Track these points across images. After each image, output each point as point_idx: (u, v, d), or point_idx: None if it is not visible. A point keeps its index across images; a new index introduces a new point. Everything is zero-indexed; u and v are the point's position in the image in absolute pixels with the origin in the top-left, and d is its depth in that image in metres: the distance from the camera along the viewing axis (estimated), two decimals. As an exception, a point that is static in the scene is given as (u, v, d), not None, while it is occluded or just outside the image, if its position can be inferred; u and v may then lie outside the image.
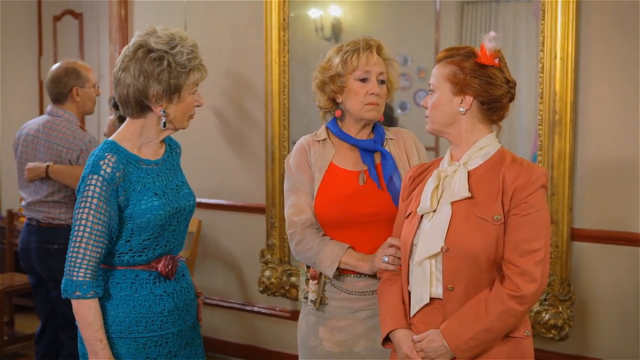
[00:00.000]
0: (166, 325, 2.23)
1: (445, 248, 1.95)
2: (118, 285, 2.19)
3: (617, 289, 3.36)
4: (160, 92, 2.12)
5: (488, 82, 2.00)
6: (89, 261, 2.09)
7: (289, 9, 4.13)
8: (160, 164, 2.25)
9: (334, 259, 2.32)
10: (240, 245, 4.43)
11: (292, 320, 4.11)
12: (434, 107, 2.04)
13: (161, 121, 2.17)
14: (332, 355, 2.42)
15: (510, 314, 1.91)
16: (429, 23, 3.90)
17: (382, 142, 2.44)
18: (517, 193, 1.94)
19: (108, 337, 2.14)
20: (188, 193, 2.32)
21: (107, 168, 2.10)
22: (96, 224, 2.09)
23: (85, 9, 5.47)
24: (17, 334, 4.95)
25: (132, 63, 2.12)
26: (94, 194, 2.09)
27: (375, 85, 2.37)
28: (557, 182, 3.39)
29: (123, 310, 2.17)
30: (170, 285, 2.25)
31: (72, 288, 2.09)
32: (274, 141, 4.20)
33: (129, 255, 2.19)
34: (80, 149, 3.54)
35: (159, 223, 2.17)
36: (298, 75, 4.15)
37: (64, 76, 3.62)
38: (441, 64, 2.05)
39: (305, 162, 2.45)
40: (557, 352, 3.50)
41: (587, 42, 3.35)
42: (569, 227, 3.42)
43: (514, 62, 3.63)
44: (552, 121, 3.38)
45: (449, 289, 1.96)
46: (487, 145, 2.04)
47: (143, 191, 2.16)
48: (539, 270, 1.92)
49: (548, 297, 3.45)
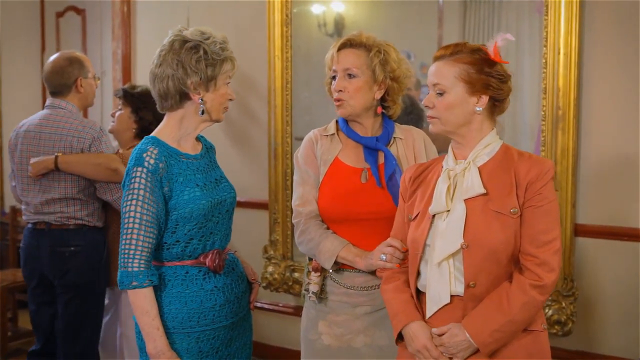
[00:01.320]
0: (218, 319, 2.29)
1: (465, 245, 1.95)
2: (170, 283, 2.25)
3: (620, 284, 3.36)
4: (197, 80, 2.21)
5: (501, 80, 2.01)
6: (142, 251, 2.15)
7: (292, 5, 4.13)
8: (199, 158, 2.33)
9: (333, 252, 2.33)
10: (243, 241, 4.42)
11: (295, 316, 4.11)
12: (448, 109, 2.00)
13: (200, 109, 2.24)
14: (330, 349, 2.43)
15: (533, 304, 1.94)
16: (432, 19, 3.89)
17: (387, 140, 2.43)
18: (531, 185, 1.96)
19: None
20: (228, 186, 2.40)
21: (150, 160, 2.17)
22: (145, 215, 2.15)
23: (88, 5, 5.48)
24: (21, 330, 4.96)
25: (170, 55, 2.21)
26: (140, 186, 2.15)
27: (338, 83, 2.38)
28: (561, 177, 3.39)
29: (175, 306, 2.23)
30: (220, 280, 2.31)
31: (128, 279, 2.15)
32: (276, 137, 4.20)
33: (178, 248, 2.24)
34: (93, 136, 3.31)
35: (202, 213, 2.23)
36: (301, 72, 4.15)
37: (68, 66, 3.41)
38: (448, 63, 2.01)
39: (312, 155, 2.47)
40: (561, 348, 3.50)
41: (591, 38, 3.34)
42: (572, 223, 3.42)
43: (516, 58, 3.62)
44: (555, 117, 3.37)
45: (471, 285, 1.96)
46: (491, 143, 2.05)
47: (185, 182, 2.23)
48: (557, 259, 1.95)
49: (551, 293, 3.45)
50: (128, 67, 4.95)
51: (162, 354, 2.16)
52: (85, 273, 3.38)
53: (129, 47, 4.94)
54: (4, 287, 4.63)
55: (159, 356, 2.16)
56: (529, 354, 1.99)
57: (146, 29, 4.87)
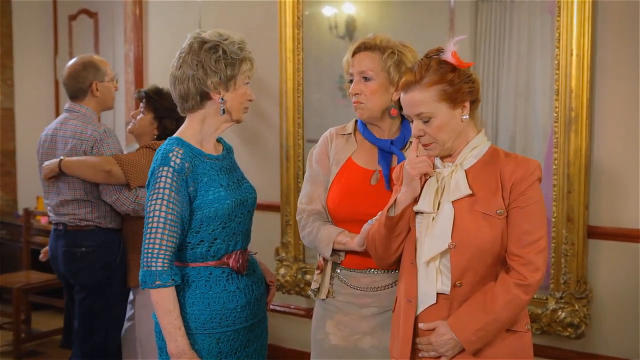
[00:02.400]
0: (239, 320, 2.31)
1: (453, 244, 1.98)
2: (193, 284, 2.26)
3: (633, 287, 3.34)
4: (217, 80, 2.23)
5: (470, 81, 2.02)
6: (166, 251, 2.16)
7: (303, 7, 4.13)
8: (222, 159, 2.35)
9: (329, 239, 2.36)
10: (255, 243, 4.40)
11: (307, 318, 4.11)
12: (440, 131, 2.01)
13: (220, 108, 2.26)
14: (337, 349, 2.44)
15: (516, 303, 1.96)
16: (444, 20, 3.88)
17: (403, 144, 2.44)
18: (515, 186, 1.98)
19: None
20: (249, 186, 2.42)
21: (176, 159, 2.19)
22: (170, 214, 2.16)
23: (100, 8, 5.51)
24: (34, 332, 4.99)
25: (189, 56, 2.23)
26: (165, 185, 2.17)
27: (354, 86, 2.40)
28: (573, 179, 3.37)
29: (198, 307, 2.25)
30: (242, 281, 2.33)
31: (151, 279, 2.16)
32: (288, 139, 4.20)
33: (202, 248, 2.25)
34: (95, 138, 3.36)
35: (226, 213, 2.25)
36: (312, 74, 4.16)
37: (82, 71, 3.48)
38: (421, 90, 1.98)
39: (325, 154, 2.49)
40: (574, 351, 3.48)
41: (603, 39, 3.33)
42: (585, 225, 3.40)
43: (528, 59, 3.61)
44: (568, 118, 3.36)
45: (458, 285, 1.99)
46: (479, 145, 2.07)
47: (210, 182, 2.25)
48: (541, 259, 1.98)
49: (564, 295, 3.44)
50: (140, 70, 4.97)
51: (183, 354, 2.17)
52: (97, 274, 3.42)
53: (141, 50, 4.96)
54: (18, 288, 4.66)
55: (180, 356, 2.17)
56: (511, 353, 2.02)
57: (158, 31, 4.89)
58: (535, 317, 3.48)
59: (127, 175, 3.26)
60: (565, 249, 3.41)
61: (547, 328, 3.49)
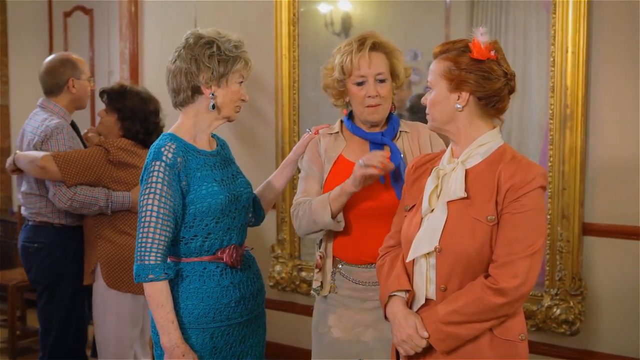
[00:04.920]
0: (233, 315, 2.31)
1: (439, 248, 1.93)
2: (187, 278, 2.27)
3: (628, 283, 3.35)
4: (209, 75, 2.24)
5: (484, 77, 1.94)
6: (159, 245, 2.17)
7: (299, 4, 4.14)
8: (216, 155, 2.36)
9: (324, 200, 2.34)
10: (251, 240, 4.43)
11: (303, 315, 4.12)
12: (432, 105, 2.01)
13: (210, 104, 2.26)
14: (339, 342, 2.45)
15: (484, 303, 1.86)
16: (439, 18, 3.88)
17: (393, 135, 2.45)
18: (510, 192, 1.89)
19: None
20: (244, 182, 2.42)
21: (168, 154, 2.20)
22: (162, 208, 2.17)
23: (95, 5, 5.49)
24: (29, 329, 4.97)
25: (185, 50, 2.25)
26: (157, 179, 2.18)
27: (372, 89, 2.38)
28: (568, 176, 3.38)
29: (192, 302, 2.25)
30: (236, 276, 2.33)
31: (145, 272, 2.17)
32: (284, 136, 4.20)
33: (196, 242, 2.26)
34: (45, 134, 3.29)
35: (220, 207, 2.25)
36: (308, 71, 4.16)
37: (60, 67, 3.44)
38: (437, 60, 2.01)
39: (317, 153, 2.50)
40: (569, 347, 3.49)
41: (599, 36, 3.33)
42: (580, 222, 3.41)
43: (524, 56, 3.62)
44: (563, 115, 3.36)
45: (442, 289, 1.95)
46: (488, 142, 1.99)
47: (203, 177, 2.25)
48: (524, 266, 1.86)
49: (559, 292, 3.45)
50: (136, 67, 4.96)
51: (176, 347, 2.18)
52: (45, 271, 3.39)
53: (136, 47, 4.95)
54: (13, 286, 4.65)
55: (173, 349, 2.18)
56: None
57: (153, 28, 4.88)
58: (530, 313, 3.49)
59: (63, 173, 3.18)
60: (561, 246, 3.42)
61: (542, 325, 3.50)
